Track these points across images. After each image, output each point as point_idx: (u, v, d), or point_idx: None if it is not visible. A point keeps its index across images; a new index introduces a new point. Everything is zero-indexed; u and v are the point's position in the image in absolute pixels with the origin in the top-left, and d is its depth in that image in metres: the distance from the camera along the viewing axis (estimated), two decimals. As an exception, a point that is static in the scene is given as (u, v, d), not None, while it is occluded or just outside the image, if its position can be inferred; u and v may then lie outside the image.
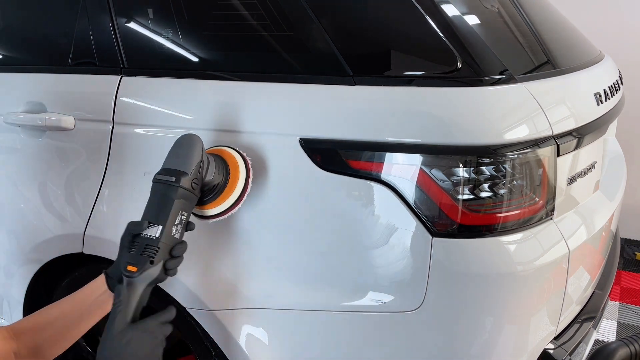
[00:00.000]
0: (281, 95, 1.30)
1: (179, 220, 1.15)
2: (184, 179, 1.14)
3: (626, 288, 2.97)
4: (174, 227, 1.14)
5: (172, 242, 1.15)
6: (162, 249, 1.12)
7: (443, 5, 1.28)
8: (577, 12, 2.45)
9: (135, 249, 1.12)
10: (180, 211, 1.15)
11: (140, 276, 1.10)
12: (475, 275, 1.21)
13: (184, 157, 1.15)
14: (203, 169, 1.18)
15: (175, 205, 1.13)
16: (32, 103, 1.60)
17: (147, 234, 1.12)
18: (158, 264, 1.12)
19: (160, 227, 1.12)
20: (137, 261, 1.11)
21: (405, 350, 1.29)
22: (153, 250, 1.11)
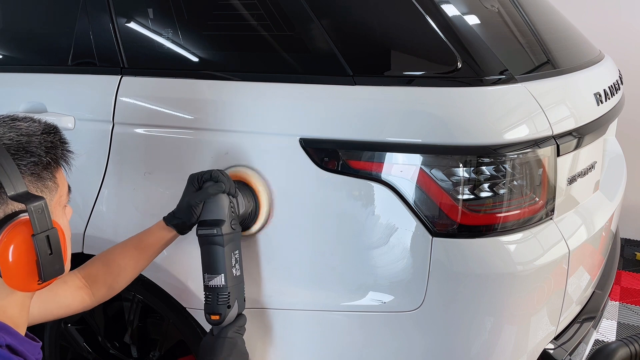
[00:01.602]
0: (281, 95, 1.30)
1: (234, 261, 1.26)
2: (224, 227, 1.23)
3: (626, 288, 2.97)
4: (232, 270, 1.25)
5: (235, 281, 1.26)
6: (232, 291, 1.25)
7: (443, 5, 1.28)
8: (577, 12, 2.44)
9: (210, 300, 1.25)
10: (231, 253, 1.25)
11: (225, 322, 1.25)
12: (475, 275, 1.21)
13: (215, 206, 1.24)
14: (235, 206, 1.26)
15: (226, 252, 1.24)
16: (32, 103, 1.60)
17: (215, 284, 1.24)
18: (234, 305, 1.26)
19: (222, 275, 1.24)
20: (217, 310, 1.25)
21: (405, 350, 1.29)
22: (225, 296, 1.24)
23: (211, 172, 1.24)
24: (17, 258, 0.84)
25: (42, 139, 0.92)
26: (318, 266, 1.31)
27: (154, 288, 1.46)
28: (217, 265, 1.24)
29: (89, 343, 1.71)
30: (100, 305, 1.64)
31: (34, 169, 0.89)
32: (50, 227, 0.87)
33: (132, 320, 1.62)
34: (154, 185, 1.45)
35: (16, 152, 0.87)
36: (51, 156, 0.92)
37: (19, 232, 0.84)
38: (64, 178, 0.98)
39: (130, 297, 1.59)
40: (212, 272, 1.24)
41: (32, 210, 0.84)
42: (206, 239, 1.24)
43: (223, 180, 1.24)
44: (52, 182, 0.93)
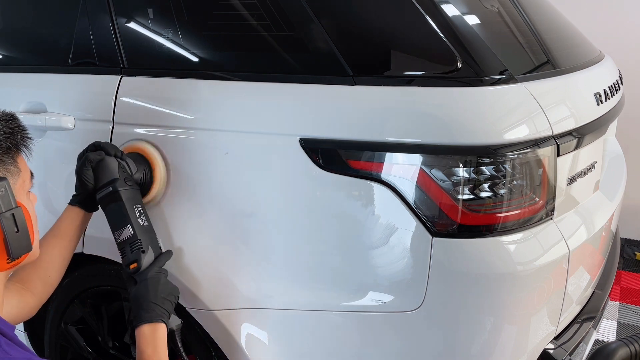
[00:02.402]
0: (281, 95, 1.30)
1: (138, 213, 1.31)
2: (118, 183, 1.30)
3: (626, 288, 2.97)
4: (139, 220, 1.30)
5: (144, 229, 1.31)
6: (143, 238, 1.29)
7: (443, 5, 1.28)
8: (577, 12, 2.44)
9: (125, 253, 1.29)
10: (133, 207, 1.31)
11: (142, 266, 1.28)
12: (475, 275, 1.21)
13: (105, 169, 1.31)
14: (126, 167, 1.33)
15: (127, 205, 1.30)
16: (32, 103, 1.60)
17: (124, 236, 1.29)
18: (148, 250, 1.29)
19: (129, 226, 1.29)
20: (132, 259, 1.28)
21: (405, 350, 1.29)
22: (137, 244, 1.29)
23: (93, 143, 1.32)
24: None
25: (1, 126, 0.97)
26: (317, 266, 1.31)
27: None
28: (122, 219, 1.29)
29: (89, 343, 1.71)
30: (100, 305, 1.64)
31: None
32: (14, 206, 0.92)
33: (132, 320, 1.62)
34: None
35: None
36: (11, 141, 0.97)
37: None
38: (25, 164, 1.03)
39: (130, 297, 1.59)
40: (119, 227, 1.29)
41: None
42: (105, 200, 1.30)
43: (104, 146, 1.31)
44: (13, 166, 0.98)
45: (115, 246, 1.31)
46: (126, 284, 1.30)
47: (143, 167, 1.37)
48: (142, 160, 1.38)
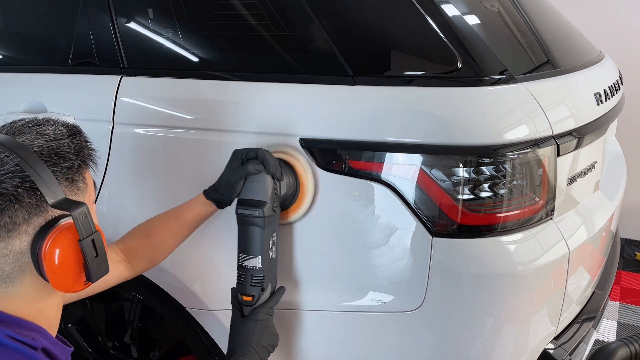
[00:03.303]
0: (281, 95, 1.30)
1: (272, 244, 1.24)
2: (265, 208, 1.20)
3: (626, 288, 2.97)
4: (269, 252, 1.24)
5: (271, 264, 1.25)
6: (267, 274, 1.23)
7: (443, 5, 1.28)
8: (577, 12, 2.44)
9: (244, 280, 1.24)
10: (270, 236, 1.23)
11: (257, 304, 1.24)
12: (475, 275, 1.21)
13: (258, 187, 1.21)
14: (278, 189, 1.23)
15: (265, 235, 1.22)
16: (32, 103, 1.60)
17: (250, 265, 1.23)
18: (267, 288, 1.24)
19: (259, 257, 1.22)
20: (250, 291, 1.24)
21: (405, 350, 1.29)
22: (259, 278, 1.23)
23: (257, 151, 1.21)
24: (64, 262, 0.86)
25: (70, 142, 0.92)
26: (318, 266, 1.31)
27: (154, 288, 1.46)
28: (254, 247, 1.22)
29: (89, 343, 1.71)
30: (100, 305, 1.64)
31: (68, 173, 0.90)
32: (94, 231, 0.89)
33: (132, 320, 1.62)
34: (154, 185, 1.45)
35: (49, 159, 0.88)
36: (81, 158, 0.93)
37: (64, 238, 0.86)
38: (91, 177, 0.99)
39: (130, 297, 1.59)
40: (248, 253, 1.22)
41: (76, 217, 0.86)
42: (246, 219, 1.22)
43: (268, 161, 1.20)
44: (82, 183, 0.94)
45: None
46: (232, 308, 1.28)
47: (292, 185, 1.27)
48: (291, 173, 1.27)
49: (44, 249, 0.85)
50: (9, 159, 0.84)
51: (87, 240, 0.87)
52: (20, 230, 0.85)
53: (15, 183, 0.83)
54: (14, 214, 0.83)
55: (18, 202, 0.83)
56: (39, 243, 0.85)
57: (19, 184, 0.83)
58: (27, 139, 0.89)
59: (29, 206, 0.84)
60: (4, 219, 0.83)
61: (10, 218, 0.83)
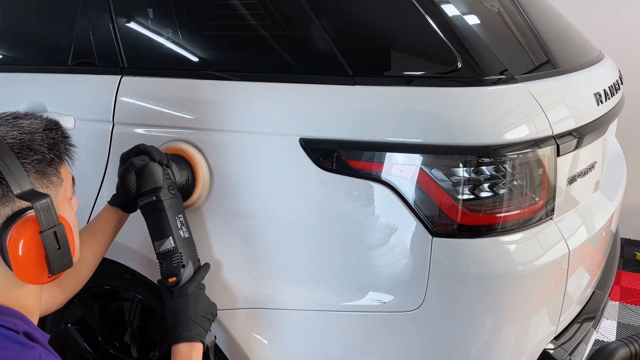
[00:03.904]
0: (281, 95, 1.30)
1: (180, 224, 1.28)
2: (162, 193, 1.26)
3: (626, 288, 2.97)
4: (180, 231, 1.27)
5: (185, 242, 1.28)
6: (183, 251, 1.27)
7: (443, 5, 1.28)
8: (577, 12, 2.44)
9: (164, 264, 1.27)
10: (175, 217, 1.27)
11: (182, 281, 1.26)
12: (475, 275, 1.21)
13: (148, 176, 1.27)
14: (170, 174, 1.29)
15: (169, 216, 1.26)
16: (32, 103, 1.60)
17: (165, 248, 1.26)
18: (188, 264, 1.27)
19: (170, 238, 1.26)
20: (171, 272, 1.26)
21: (405, 350, 1.29)
22: (177, 257, 1.26)
23: (138, 146, 1.27)
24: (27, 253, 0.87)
25: (45, 136, 0.94)
26: (318, 266, 1.31)
27: (154, 288, 1.45)
28: (163, 230, 1.26)
29: (89, 343, 1.71)
30: (100, 306, 1.64)
31: (38, 166, 0.92)
32: (56, 223, 0.90)
33: (132, 320, 1.62)
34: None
35: (20, 150, 0.90)
36: (54, 152, 0.95)
37: (27, 229, 0.87)
38: (68, 172, 1.01)
39: (130, 297, 1.59)
40: (160, 238, 1.26)
41: (38, 208, 0.87)
42: (147, 208, 1.27)
43: (150, 151, 1.26)
44: (56, 177, 0.95)
45: (116, 246, 1.31)
46: (162, 295, 1.29)
47: (186, 171, 1.33)
48: (185, 163, 1.33)
49: (8, 239, 0.86)
50: None
51: (49, 232, 0.89)
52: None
53: None
54: None
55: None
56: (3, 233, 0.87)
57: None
58: (2, 131, 0.91)
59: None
60: None
61: None
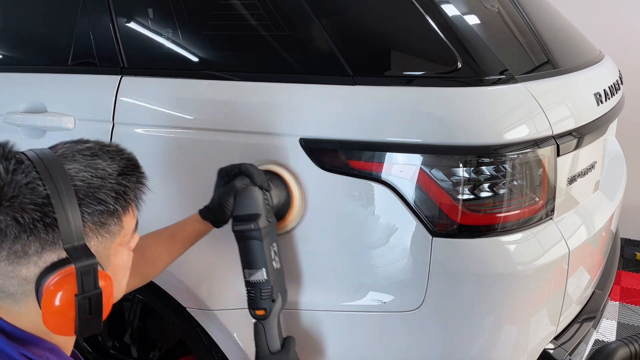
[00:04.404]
0: (281, 95, 1.30)
1: (273, 254, 1.23)
2: (260, 220, 1.20)
3: (626, 288, 2.97)
4: (273, 262, 1.23)
5: (276, 274, 1.24)
6: (274, 285, 1.23)
7: (443, 5, 1.28)
8: (577, 12, 2.44)
9: (253, 294, 1.23)
10: (270, 246, 1.23)
11: (271, 315, 1.24)
12: (475, 275, 1.21)
13: (249, 201, 1.21)
14: (269, 199, 1.23)
15: (265, 246, 1.21)
16: (32, 103, 1.60)
17: (256, 279, 1.22)
18: (278, 298, 1.24)
19: (264, 270, 1.21)
20: (261, 305, 1.23)
21: (405, 350, 1.29)
22: (268, 290, 1.22)
23: (240, 166, 1.21)
24: (58, 307, 0.82)
25: (117, 182, 0.88)
26: (318, 266, 1.31)
27: (154, 288, 1.46)
28: (257, 260, 1.21)
29: (89, 343, 1.71)
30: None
31: (98, 217, 0.86)
32: (95, 289, 0.84)
33: (132, 320, 1.62)
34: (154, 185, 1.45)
35: (84, 197, 0.84)
36: (121, 203, 0.88)
37: (64, 285, 0.82)
38: (133, 217, 0.94)
39: (130, 297, 1.59)
40: (252, 267, 1.22)
41: (79, 270, 0.82)
42: (243, 235, 1.21)
43: (253, 173, 1.20)
44: (116, 226, 0.89)
45: None
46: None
47: (283, 194, 1.27)
48: (280, 183, 1.27)
49: (46, 286, 0.82)
50: (41, 188, 0.81)
51: (84, 296, 0.83)
52: (31, 260, 0.82)
53: (36, 217, 0.80)
54: (27, 244, 0.81)
55: (33, 234, 0.80)
56: (43, 278, 0.82)
57: (39, 218, 0.80)
58: (74, 169, 0.85)
59: (43, 241, 0.81)
60: (15, 246, 0.80)
61: (23, 247, 0.81)
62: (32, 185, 0.81)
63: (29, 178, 0.81)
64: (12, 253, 0.81)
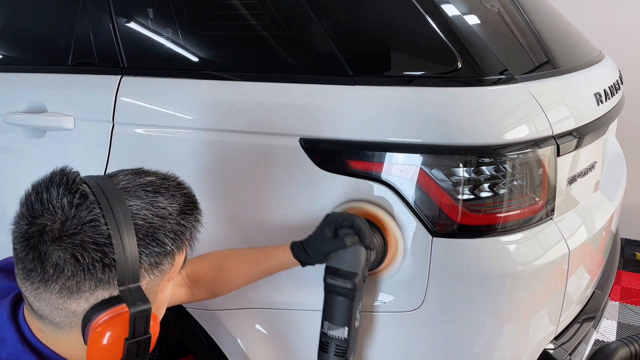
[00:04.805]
0: (281, 95, 1.30)
1: (358, 313, 1.18)
2: (357, 280, 1.14)
3: (626, 288, 2.97)
4: (355, 322, 1.17)
5: (355, 332, 1.18)
6: (351, 344, 1.17)
7: (443, 5, 1.28)
8: (577, 12, 2.44)
9: (327, 347, 1.17)
10: (357, 305, 1.17)
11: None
12: (475, 275, 1.20)
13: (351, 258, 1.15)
14: (369, 256, 1.18)
15: (354, 305, 1.16)
16: (32, 103, 1.60)
17: (335, 334, 1.16)
18: (351, 357, 1.18)
19: (346, 328, 1.16)
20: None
21: (405, 350, 1.29)
22: (344, 349, 1.16)
23: (352, 221, 1.16)
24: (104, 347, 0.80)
25: (176, 223, 0.86)
26: (318, 266, 1.31)
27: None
28: (342, 318, 1.16)
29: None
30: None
31: (155, 258, 0.84)
32: (145, 334, 0.83)
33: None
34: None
35: (144, 237, 0.82)
36: (177, 244, 0.87)
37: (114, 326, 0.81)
38: (183, 257, 0.92)
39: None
40: (334, 323, 1.17)
41: (133, 316, 0.80)
42: (336, 289, 1.16)
43: (364, 232, 1.14)
44: (168, 265, 0.88)
45: None
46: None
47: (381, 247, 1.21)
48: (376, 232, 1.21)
49: (94, 323, 0.80)
50: (104, 227, 0.79)
51: (134, 342, 0.82)
52: (82, 297, 0.81)
53: (96, 257, 0.78)
54: (82, 282, 0.79)
55: (90, 274, 0.79)
56: (92, 315, 0.80)
57: (99, 259, 0.79)
58: (136, 207, 0.83)
59: (98, 280, 0.80)
60: (69, 282, 0.79)
61: (77, 284, 0.79)
62: (95, 223, 0.79)
63: (92, 215, 0.79)
64: (65, 288, 0.79)
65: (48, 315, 0.83)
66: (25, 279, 0.81)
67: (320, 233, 1.19)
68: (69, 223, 0.78)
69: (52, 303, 0.81)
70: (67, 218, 0.79)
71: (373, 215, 1.22)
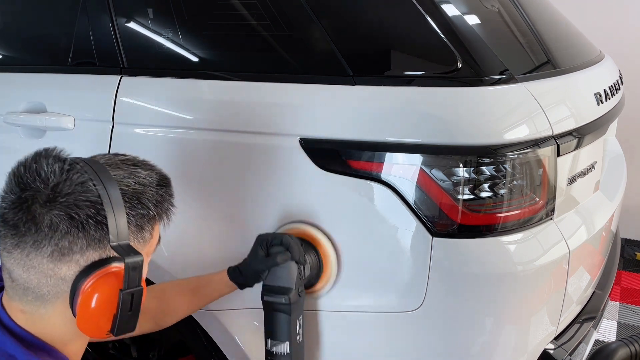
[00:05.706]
0: (281, 95, 1.30)
1: (298, 327, 1.22)
2: (292, 295, 1.18)
3: (626, 288, 2.97)
4: (297, 336, 1.21)
5: (298, 347, 1.22)
6: (295, 358, 1.21)
7: (443, 5, 1.28)
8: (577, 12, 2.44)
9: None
10: (296, 320, 1.21)
11: None
12: (475, 276, 1.20)
13: (284, 275, 1.19)
14: (302, 273, 1.21)
15: (292, 320, 1.20)
16: (32, 103, 1.60)
17: (278, 350, 1.20)
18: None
19: (287, 343, 1.20)
20: None
21: (405, 351, 1.29)
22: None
23: (282, 239, 1.21)
24: (98, 306, 0.83)
25: (155, 192, 0.92)
26: (318, 266, 1.31)
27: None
28: (282, 333, 1.20)
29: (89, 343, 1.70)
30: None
31: (139, 220, 0.90)
32: (138, 285, 0.86)
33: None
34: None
35: (130, 200, 0.88)
36: (157, 210, 0.93)
37: (107, 282, 0.84)
38: (159, 231, 0.97)
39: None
40: (276, 339, 1.21)
41: (129, 265, 0.84)
42: (272, 306, 1.21)
43: (293, 248, 1.20)
44: (149, 234, 0.93)
45: None
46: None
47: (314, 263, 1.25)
48: (310, 250, 1.25)
49: (86, 285, 0.83)
50: (95, 187, 0.84)
51: (128, 292, 0.85)
52: (73, 259, 0.83)
53: (90, 213, 0.83)
54: (74, 241, 0.83)
55: (84, 231, 0.83)
56: (83, 277, 0.83)
57: (92, 215, 0.83)
58: (120, 175, 0.89)
59: (91, 238, 0.84)
60: (62, 242, 0.82)
61: (69, 243, 0.82)
62: (86, 185, 0.84)
63: (83, 178, 0.85)
64: (57, 249, 0.82)
65: (35, 286, 0.85)
66: (15, 247, 0.84)
67: (253, 254, 1.23)
68: (62, 185, 0.83)
69: (42, 270, 0.83)
70: (60, 181, 0.84)
71: (309, 235, 1.26)
